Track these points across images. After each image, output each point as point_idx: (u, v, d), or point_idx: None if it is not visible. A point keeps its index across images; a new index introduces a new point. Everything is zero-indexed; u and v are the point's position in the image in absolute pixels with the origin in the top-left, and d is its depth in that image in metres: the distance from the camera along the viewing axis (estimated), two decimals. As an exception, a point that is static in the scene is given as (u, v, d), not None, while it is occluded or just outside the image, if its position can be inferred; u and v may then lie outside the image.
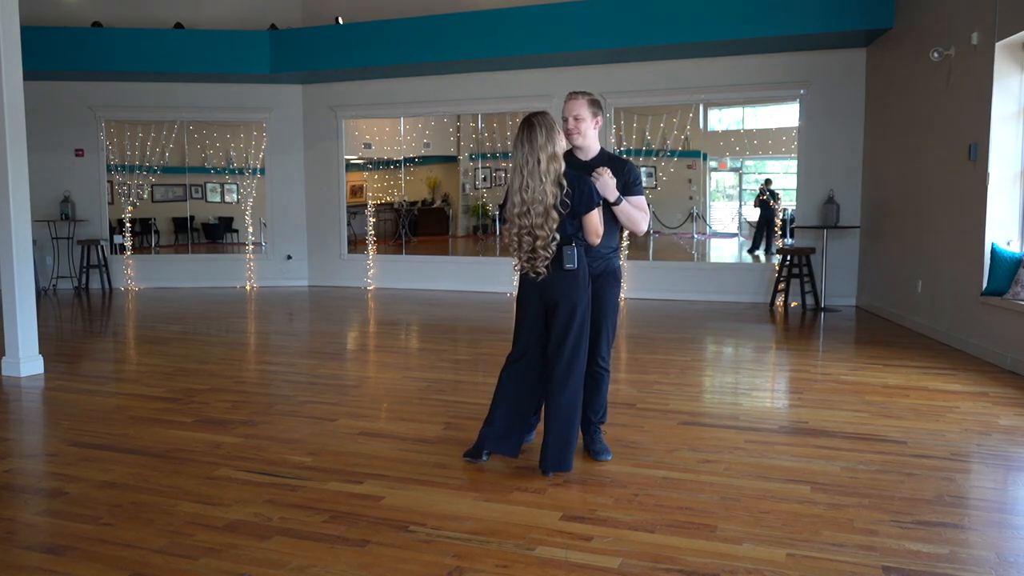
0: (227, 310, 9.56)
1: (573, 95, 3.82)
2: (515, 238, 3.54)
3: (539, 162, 3.45)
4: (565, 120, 3.77)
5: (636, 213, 3.77)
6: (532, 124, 3.51)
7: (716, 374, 6.12)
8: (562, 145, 3.56)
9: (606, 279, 3.82)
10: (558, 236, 3.50)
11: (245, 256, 11.88)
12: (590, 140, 3.81)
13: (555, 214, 3.46)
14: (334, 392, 5.34)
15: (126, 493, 3.48)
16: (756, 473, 3.66)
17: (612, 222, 3.78)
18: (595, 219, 3.56)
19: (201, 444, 4.18)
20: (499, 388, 3.78)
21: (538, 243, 3.49)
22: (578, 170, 3.68)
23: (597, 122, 3.81)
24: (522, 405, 3.75)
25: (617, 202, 3.69)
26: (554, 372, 3.61)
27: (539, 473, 3.64)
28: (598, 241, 3.62)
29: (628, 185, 3.78)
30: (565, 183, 3.48)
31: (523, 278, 3.68)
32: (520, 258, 3.59)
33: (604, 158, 3.85)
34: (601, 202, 3.61)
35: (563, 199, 3.47)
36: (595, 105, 3.80)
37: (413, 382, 5.62)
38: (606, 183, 3.64)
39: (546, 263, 3.52)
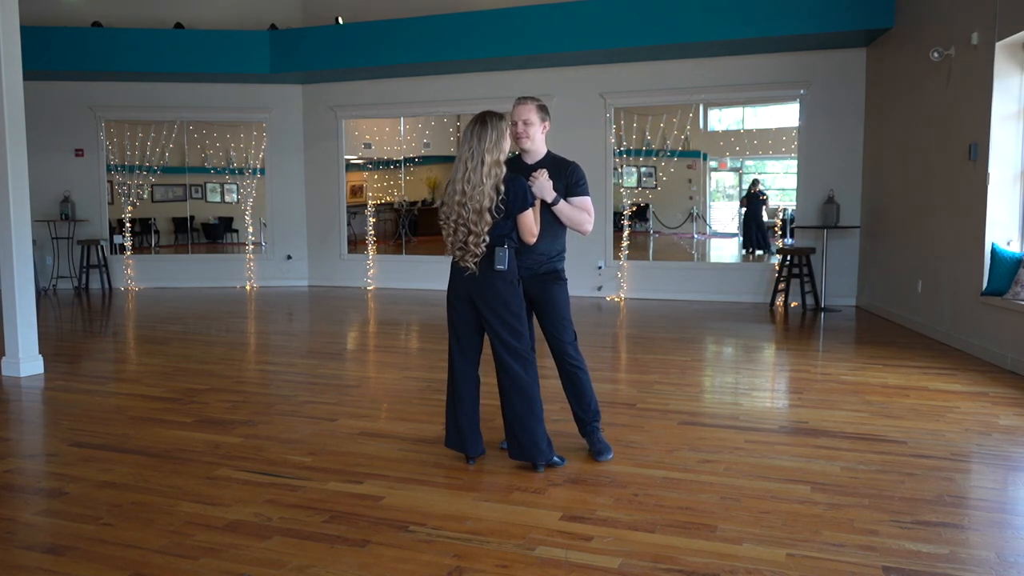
0: (227, 310, 9.56)
1: (522, 100, 3.86)
2: (451, 225, 3.59)
3: (482, 163, 3.52)
4: (514, 124, 3.80)
5: (577, 214, 3.80)
6: (485, 123, 3.56)
7: (716, 374, 6.12)
8: (506, 152, 3.62)
9: (549, 278, 3.85)
10: (488, 239, 3.55)
11: (245, 256, 11.88)
12: (537, 144, 3.86)
13: (488, 217, 3.52)
14: (334, 392, 5.34)
15: (126, 493, 3.48)
16: (756, 473, 3.66)
17: (557, 225, 3.82)
18: (529, 219, 3.63)
19: (201, 444, 4.18)
20: (458, 391, 3.79)
21: (470, 238, 3.55)
22: (525, 173, 3.74)
23: (545, 127, 3.86)
24: (476, 402, 3.81)
25: (555, 202, 3.72)
26: (498, 369, 3.69)
27: (539, 473, 3.64)
28: (533, 241, 3.67)
29: (571, 186, 3.81)
30: (503, 188, 3.54)
31: (454, 274, 3.72)
32: (452, 249, 3.64)
33: (548, 160, 3.89)
34: (535, 203, 3.67)
35: (499, 204, 3.52)
36: (543, 111, 3.86)
37: (413, 382, 5.62)
38: (542, 185, 3.68)
39: (475, 260, 3.58)
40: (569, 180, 3.81)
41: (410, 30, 10.03)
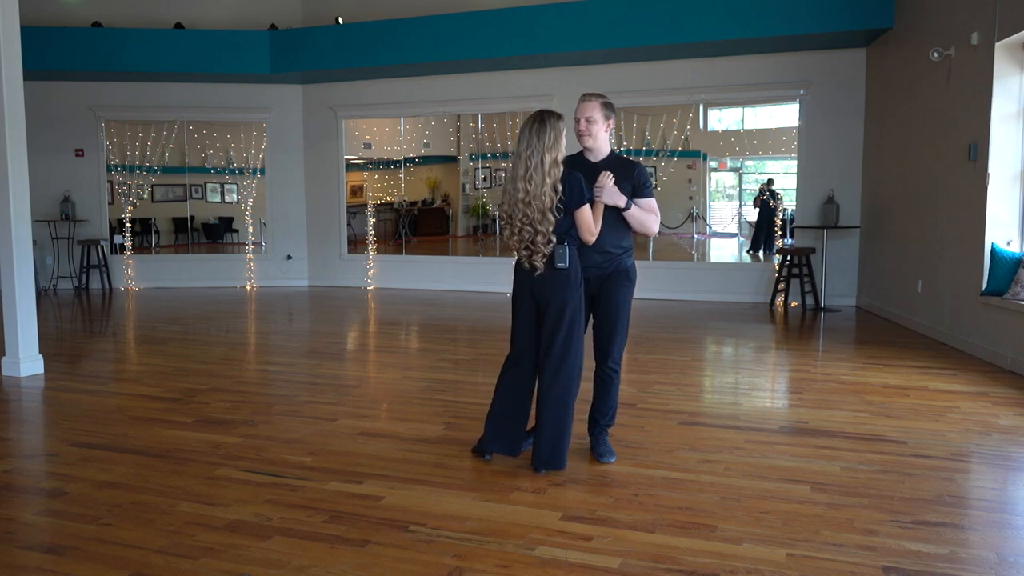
0: (227, 310, 9.56)
1: (587, 96, 3.80)
2: (516, 225, 3.54)
3: (543, 161, 3.48)
4: (577, 121, 3.76)
5: (646, 216, 3.77)
6: (544, 121, 3.53)
7: (716, 374, 6.12)
8: (563, 152, 3.58)
9: (617, 279, 3.79)
10: (554, 239, 3.53)
11: (245, 256, 11.88)
12: (600, 142, 3.80)
13: (551, 216, 3.49)
14: (334, 392, 5.34)
15: (126, 493, 3.48)
16: (756, 473, 3.66)
17: (622, 223, 3.77)
18: (587, 216, 3.57)
19: (201, 444, 4.18)
20: (499, 388, 3.79)
21: (538, 237, 3.51)
22: (588, 171, 3.69)
23: (609, 125, 3.80)
24: (521, 406, 3.76)
25: (627, 207, 3.68)
26: (544, 370, 3.64)
27: (539, 473, 3.64)
28: (592, 239, 3.62)
29: (638, 188, 3.77)
30: (560, 188, 3.51)
31: (518, 274, 3.69)
32: (519, 248, 3.60)
33: (613, 161, 3.82)
34: (593, 199, 3.62)
35: (558, 204, 3.50)
36: (608, 108, 3.79)
37: (413, 382, 5.62)
38: (611, 191, 3.63)
39: (543, 259, 3.54)
40: (636, 181, 3.76)
41: (410, 30, 10.03)
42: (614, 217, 3.71)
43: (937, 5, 7.09)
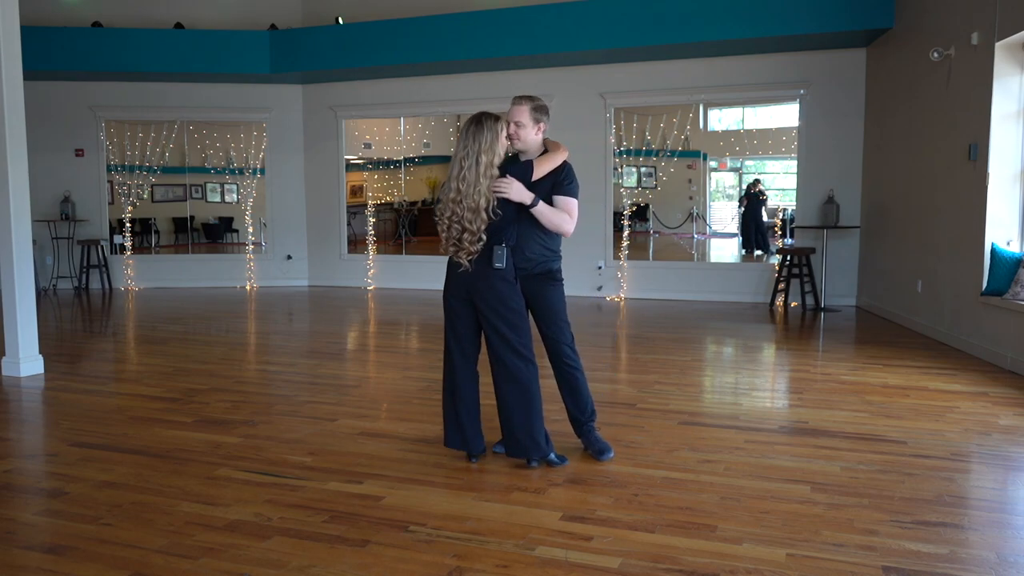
0: (227, 310, 9.56)
1: (518, 100, 3.79)
2: (445, 222, 3.63)
3: (477, 162, 3.54)
4: (507, 123, 3.74)
5: (556, 216, 3.72)
6: (481, 123, 3.59)
7: (716, 374, 6.12)
8: (501, 154, 3.62)
9: (543, 279, 3.84)
10: (484, 237, 3.58)
11: (245, 256, 11.88)
12: (530, 144, 3.81)
13: (484, 215, 3.54)
14: (334, 392, 5.34)
15: (126, 493, 3.48)
16: (756, 473, 3.66)
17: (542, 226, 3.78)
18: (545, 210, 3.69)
19: (201, 444, 4.18)
20: (455, 388, 3.80)
21: (465, 235, 3.57)
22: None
23: (539, 128, 3.79)
24: (476, 400, 3.83)
25: (533, 204, 3.65)
26: (493, 365, 3.71)
27: (539, 473, 3.64)
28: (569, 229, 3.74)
29: (557, 185, 3.76)
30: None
31: (450, 272, 3.74)
32: (446, 244, 3.68)
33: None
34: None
35: (495, 207, 3.55)
36: (539, 111, 3.78)
37: (413, 382, 5.62)
38: (516, 189, 3.61)
39: (469, 257, 3.60)
40: (556, 179, 3.77)
41: (410, 30, 10.03)
42: (534, 219, 3.71)
43: (937, 5, 7.09)
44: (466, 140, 3.59)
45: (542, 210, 3.71)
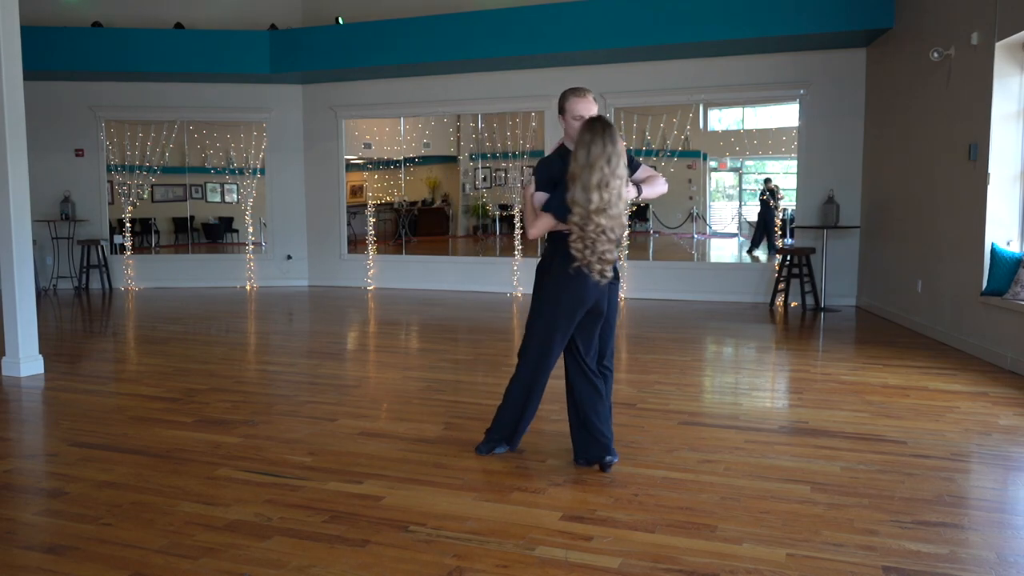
0: (227, 310, 9.56)
1: (584, 94, 3.66)
2: (591, 236, 3.37)
3: (618, 168, 3.39)
4: (580, 118, 3.60)
5: (654, 181, 3.74)
6: (609, 127, 3.40)
7: (716, 374, 6.12)
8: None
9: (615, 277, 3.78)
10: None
11: (245, 256, 11.88)
12: (573, 137, 3.72)
13: (624, 222, 3.49)
14: (334, 392, 5.34)
15: (126, 493, 3.48)
16: (756, 473, 3.66)
17: None
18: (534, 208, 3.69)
19: (201, 444, 4.18)
20: (533, 393, 3.78)
21: (609, 247, 3.43)
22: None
23: None
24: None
25: (639, 192, 3.61)
26: (593, 376, 3.68)
27: (539, 473, 3.65)
28: (533, 233, 3.71)
29: (632, 167, 3.71)
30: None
31: (581, 283, 3.49)
32: (590, 261, 3.42)
33: None
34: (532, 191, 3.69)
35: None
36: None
37: (413, 382, 5.62)
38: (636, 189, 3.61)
39: (611, 267, 3.51)
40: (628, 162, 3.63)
41: (410, 30, 10.03)
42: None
43: (937, 5, 7.09)
44: (603, 145, 3.32)
45: (644, 190, 3.64)
